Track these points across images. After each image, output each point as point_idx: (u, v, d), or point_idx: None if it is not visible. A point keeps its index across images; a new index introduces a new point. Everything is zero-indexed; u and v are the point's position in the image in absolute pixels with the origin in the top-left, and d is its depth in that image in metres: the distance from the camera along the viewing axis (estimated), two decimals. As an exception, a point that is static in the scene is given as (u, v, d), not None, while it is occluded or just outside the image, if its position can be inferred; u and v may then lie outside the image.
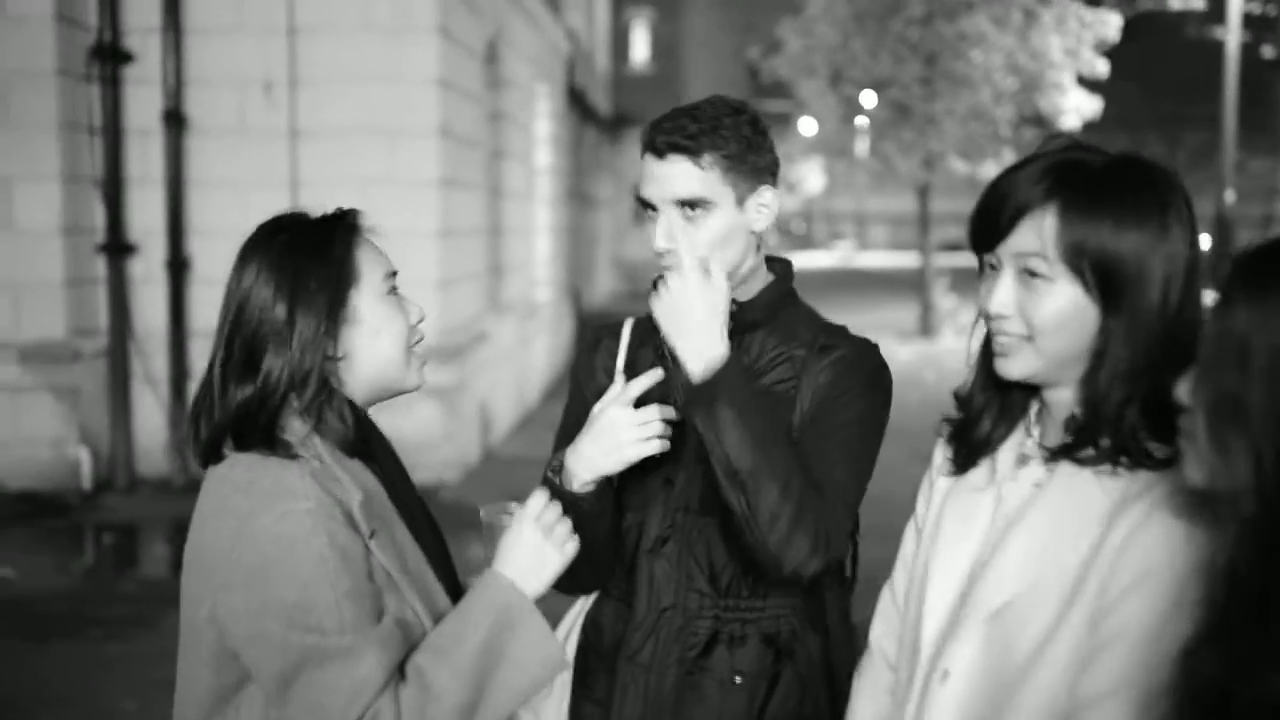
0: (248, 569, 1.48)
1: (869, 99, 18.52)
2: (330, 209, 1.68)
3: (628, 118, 26.14)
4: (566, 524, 1.65)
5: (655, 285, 1.79)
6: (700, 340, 1.72)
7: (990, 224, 1.47)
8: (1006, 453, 1.58)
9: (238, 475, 1.54)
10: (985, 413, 1.60)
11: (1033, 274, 1.43)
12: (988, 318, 1.49)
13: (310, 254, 1.58)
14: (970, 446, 1.61)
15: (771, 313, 1.93)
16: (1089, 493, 1.43)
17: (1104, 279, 1.41)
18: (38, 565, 6.35)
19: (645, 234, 1.88)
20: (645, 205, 1.86)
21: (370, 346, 1.62)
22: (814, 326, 1.96)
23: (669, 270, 1.77)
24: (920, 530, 1.72)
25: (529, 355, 12.16)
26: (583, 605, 2.06)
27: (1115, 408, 1.43)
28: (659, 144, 1.81)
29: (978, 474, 1.60)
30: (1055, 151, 1.48)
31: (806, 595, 1.92)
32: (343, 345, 1.60)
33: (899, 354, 14.21)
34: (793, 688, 1.88)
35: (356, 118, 8.11)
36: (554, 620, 2.06)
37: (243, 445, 1.55)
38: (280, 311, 1.55)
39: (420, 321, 1.70)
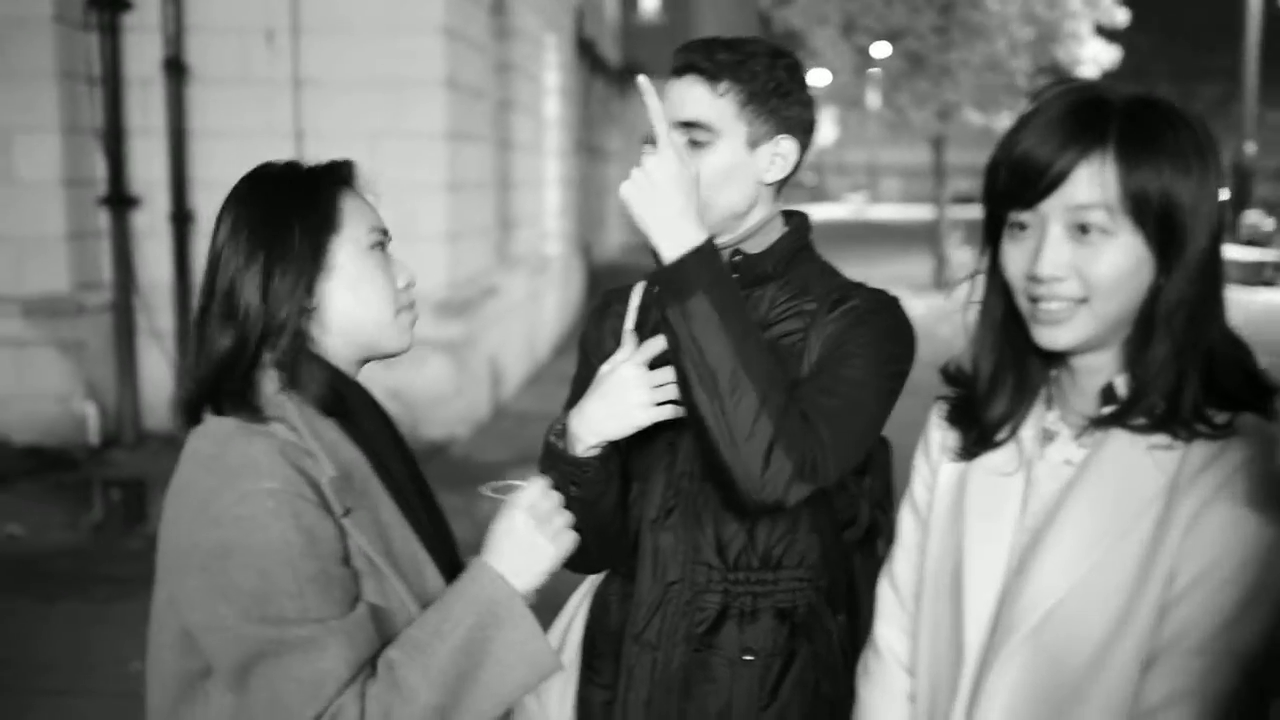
0: (206, 553, 1.37)
1: (882, 49, 18.22)
2: (327, 159, 1.60)
3: (637, 69, 25.76)
4: (564, 515, 1.51)
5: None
6: (676, 225, 1.58)
7: (1032, 177, 1.31)
8: (1027, 430, 1.46)
9: (205, 448, 1.44)
10: (999, 389, 1.45)
11: (1086, 228, 1.29)
12: (1035, 281, 1.33)
13: (291, 199, 1.50)
14: (983, 427, 1.47)
15: (784, 266, 1.79)
16: (1142, 467, 1.30)
17: (1164, 229, 1.28)
18: (45, 521, 6.30)
19: None
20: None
21: (346, 298, 1.52)
22: (829, 281, 1.82)
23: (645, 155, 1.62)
24: (923, 518, 1.57)
25: (539, 309, 12.04)
26: (590, 585, 1.95)
27: (1174, 371, 1.30)
28: (678, 63, 1.72)
29: (1000, 456, 1.46)
30: (1071, 92, 1.34)
31: (827, 569, 1.80)
32: (316, 295, 1.51)
33: (913, 308, 14.06)
34: (809, 667, 1.76)
35: (361, 68, 7.95)
36: (560, 600, 1.96)
37: (218, 406, 1.46)
38: (258, 258, 1.47)
39: (409, 286, 1.59)
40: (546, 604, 1.99)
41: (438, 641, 1.39)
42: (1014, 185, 1.33)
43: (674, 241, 1.58)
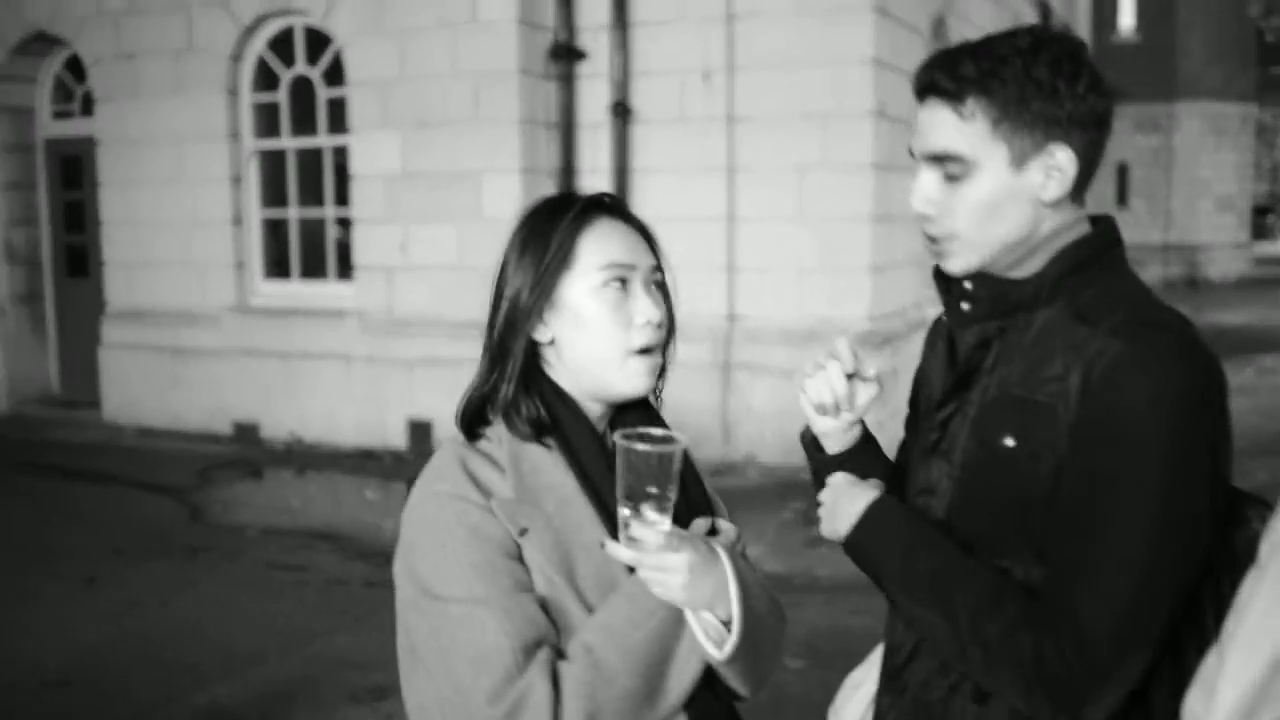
0: (402, 544, 1.53)
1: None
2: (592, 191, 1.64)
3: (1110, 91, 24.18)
4: (679, 575, 1.44)
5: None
6: (838, 517, 1.60)
7: None
8: None
9: (431, 458, 1.59)
10: None
11: None
12: None
13: (538, 235, 1.55)
14: None
15: (1050, 290, 1.48)
16: None
17: None
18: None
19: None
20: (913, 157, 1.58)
21: (574, 338, 1.54)
22: (1112, 305, 1.44)
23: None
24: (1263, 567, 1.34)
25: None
26: None
27: None
28: (918, 84, 1.51)
29: None
30: None
31: None
32: (551, 331, 1.56)
33: None
34: None
35: (791, 101, 8.10)
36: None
37: (459, 420, 1.60)
38: (501, 293, 1.57)
39: (651, 324, 1.55)
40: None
41: (632, 628, 1.42)
42: None
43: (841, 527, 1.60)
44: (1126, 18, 28.37)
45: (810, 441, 1.72)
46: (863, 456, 1.68)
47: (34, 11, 10.26)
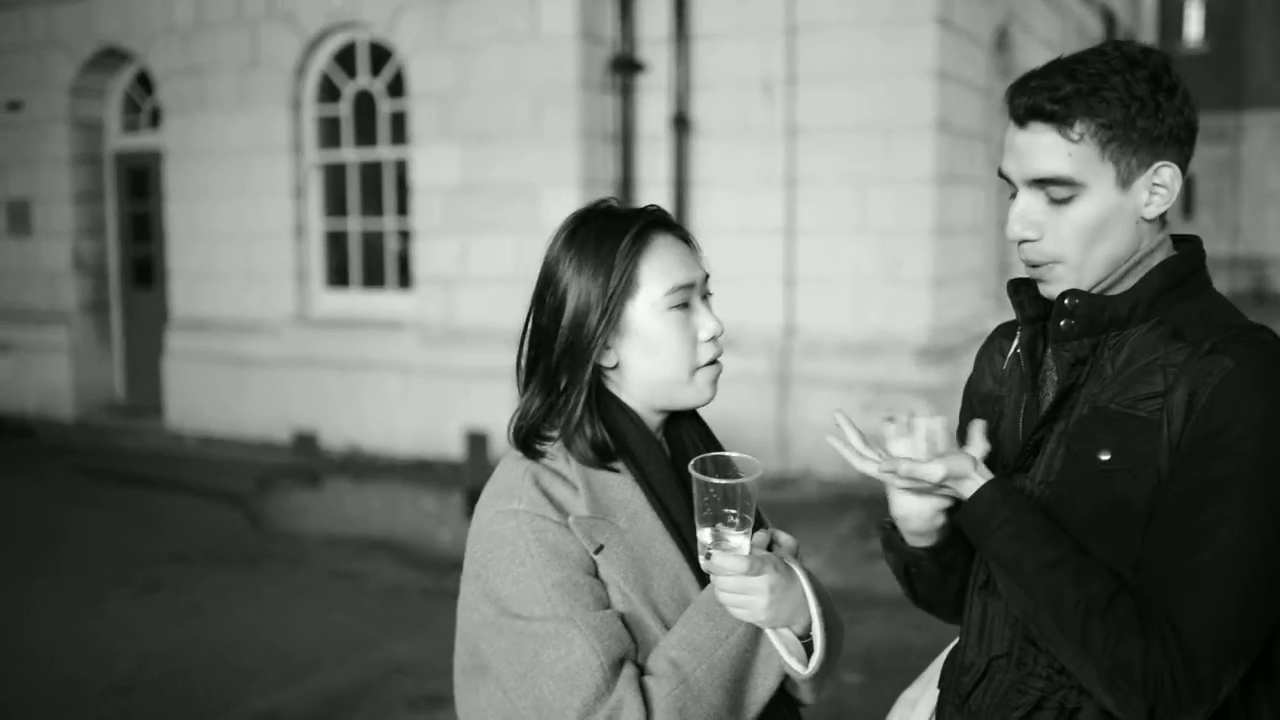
0: (474, 562, 1.51)
1: None
2: (639, 206, 1.60)
3: (1175, 103, 23.83)
4: (761, 596, 1.45)
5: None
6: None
7: None
8: None
9: (494, 472, 1.58)
10: None
11: None
12: None
13: (594, 257, 1.51)
14: None
15: (1146, 308, 1.48)
16: None
17: None
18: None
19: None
20: (1006, 180, 1.54)
21: (642, 362, 1.54)
22: (1210, 324, 1.45)
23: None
24: None
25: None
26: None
27: None
28: (1018, 107, 1.46)
29: None
30: None
31: None
32: (616, 355, 1.55)
33: None
34: None
35: (852, 114, 8.06)
36: (934, 650, 1.85)
37: (515, 440, 1.58)
38: (557, 316, 1.53)
39: (714, 338, 1.56)
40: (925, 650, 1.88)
41: (716, 645, 1.45)
42: None
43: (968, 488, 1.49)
44: (1194, 27, 27.94)
45: (889, 532, 1.64)
46: (953, 550, 1.60)
47: (106, 27, 10.48)
